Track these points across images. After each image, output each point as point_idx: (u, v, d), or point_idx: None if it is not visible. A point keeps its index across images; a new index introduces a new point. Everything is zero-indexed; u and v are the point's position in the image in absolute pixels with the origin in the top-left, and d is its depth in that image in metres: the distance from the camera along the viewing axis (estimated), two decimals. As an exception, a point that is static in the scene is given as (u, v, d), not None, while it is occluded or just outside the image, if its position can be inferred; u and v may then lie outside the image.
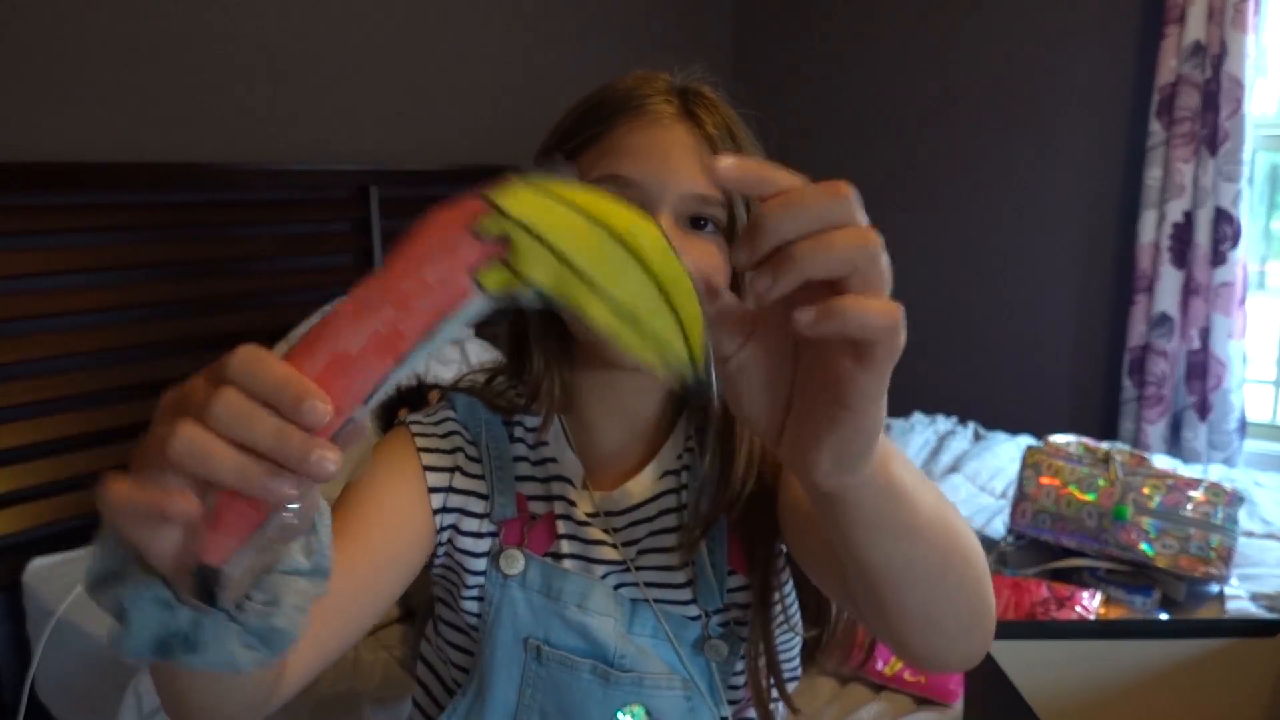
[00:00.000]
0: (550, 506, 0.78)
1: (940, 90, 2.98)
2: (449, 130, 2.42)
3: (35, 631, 1.54)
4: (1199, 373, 2.53)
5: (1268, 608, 1.38)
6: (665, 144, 0.70)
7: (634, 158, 0.70)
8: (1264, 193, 2.63)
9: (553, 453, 0.79)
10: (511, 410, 0.80)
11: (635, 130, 0.71)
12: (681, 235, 0.71)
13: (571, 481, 0.78)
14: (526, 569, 0.75)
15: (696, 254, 0.70)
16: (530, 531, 0.77)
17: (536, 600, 0.75)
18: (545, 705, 0.74)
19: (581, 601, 0.74)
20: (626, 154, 0.70)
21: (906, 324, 0.40)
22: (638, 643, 0.75)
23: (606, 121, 0.72)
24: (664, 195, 0.70)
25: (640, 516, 0.78)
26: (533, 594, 0.75)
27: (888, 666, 1.21)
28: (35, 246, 1.70)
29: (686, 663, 0.76)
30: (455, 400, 0.81)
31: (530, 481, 0.79)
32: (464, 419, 0.79)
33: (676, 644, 0.76)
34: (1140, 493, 1.46)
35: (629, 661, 0.74)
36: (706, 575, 0.76)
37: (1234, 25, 2.34)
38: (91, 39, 1.76)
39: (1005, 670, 0.82)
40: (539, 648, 0.74)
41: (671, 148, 0.70)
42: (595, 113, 0.74)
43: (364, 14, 2.21)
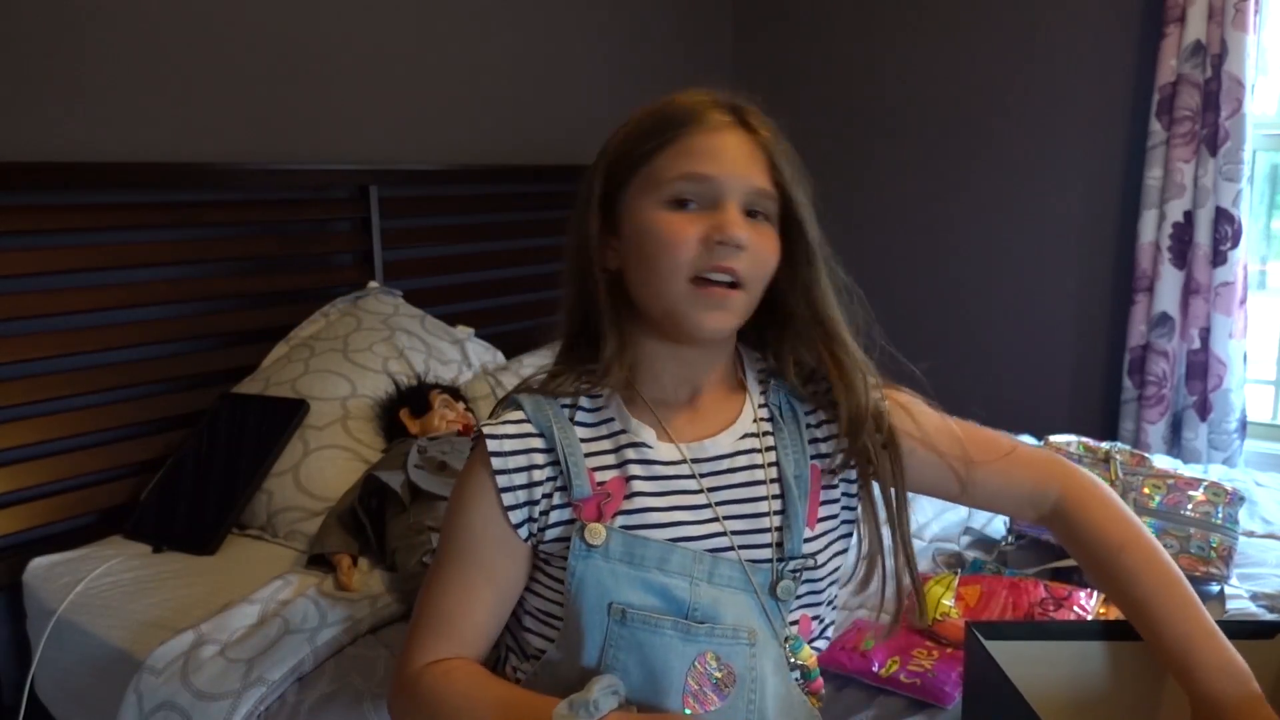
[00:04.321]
0: (623, 469, 0.87)
1: (940, 90, 2.98)
2: (449, 130, 2.42)
3: (35, 631, 1.54)
4: (1199, 373, 2.53)
5: (1268, 608, 1.38)
6: (730, 147, 0.85)
7: (706, 158, 0.83)
8: (1264, 193, 2.63)
9: (619, 424, 0.89)
10: (576, 395, 0.89)
11: (702, 136, 0.84)
12: (747, 223, 0.84)
13: (647, 444, 0.88)
14: (609, 540, 0.84)
15: (761, 239, 0.85)
16: (605, 503, 0.86)
17: (619, 569, 0.84)
18: (628, 662, 0.82)
19: (661, 565, 0.84)
20: (700, 155, 0.83)
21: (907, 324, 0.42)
22: (712, 593, 0.84)
23: (676, 129, 0.85)
24: (732, 188, 0.84)
25: (726, 466, 0.89)
26: (615, 563, 0.84)
27: (883, 669, 1.21)
28: (35, 246, 1.70)
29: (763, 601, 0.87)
30: (522, 401, 0.90)
31: (598, 455, 0.88)
32: (533, 416, 0.88)
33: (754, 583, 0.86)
34: (1140, 492, 1.46)
35: (702, 613, 0.84)
36: (798, 523, 0.89)
37: (1234, 25, 2.34)
38: (92, 39, 1.76)
39: (1005, 670, 0.82)
40: (624, 611, 0.82)
41: (735, 150, 0.85)
42: (665, 123, 0.86)
43: (364, 14, 2.21)
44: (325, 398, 1.81)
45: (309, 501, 1.68)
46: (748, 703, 0.84)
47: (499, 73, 2.53)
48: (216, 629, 1.34)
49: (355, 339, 1.95)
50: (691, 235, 0.83)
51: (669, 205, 0.84)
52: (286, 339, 2.00)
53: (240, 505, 1.69)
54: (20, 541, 1.67)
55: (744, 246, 0.83)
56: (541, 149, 2.62)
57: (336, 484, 1.68)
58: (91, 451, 1.76)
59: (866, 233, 3.19)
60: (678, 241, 0.82)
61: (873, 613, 1.45)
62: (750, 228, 0.84)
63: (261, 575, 1.51)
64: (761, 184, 0.85)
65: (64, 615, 1.48)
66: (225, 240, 1.97)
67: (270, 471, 1.72)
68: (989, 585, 1.36)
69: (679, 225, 0.83)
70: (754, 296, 0.87)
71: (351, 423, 1.79)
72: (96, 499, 1.77)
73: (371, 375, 1.88)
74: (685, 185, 0.83)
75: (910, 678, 1.19)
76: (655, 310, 0.86)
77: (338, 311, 2.06)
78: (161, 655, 1.30)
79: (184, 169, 1.89)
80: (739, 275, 0.84)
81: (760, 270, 0.86)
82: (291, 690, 1.25)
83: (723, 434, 0.91)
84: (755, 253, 0.85)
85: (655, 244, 0.83)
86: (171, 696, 1.24)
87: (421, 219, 2.37)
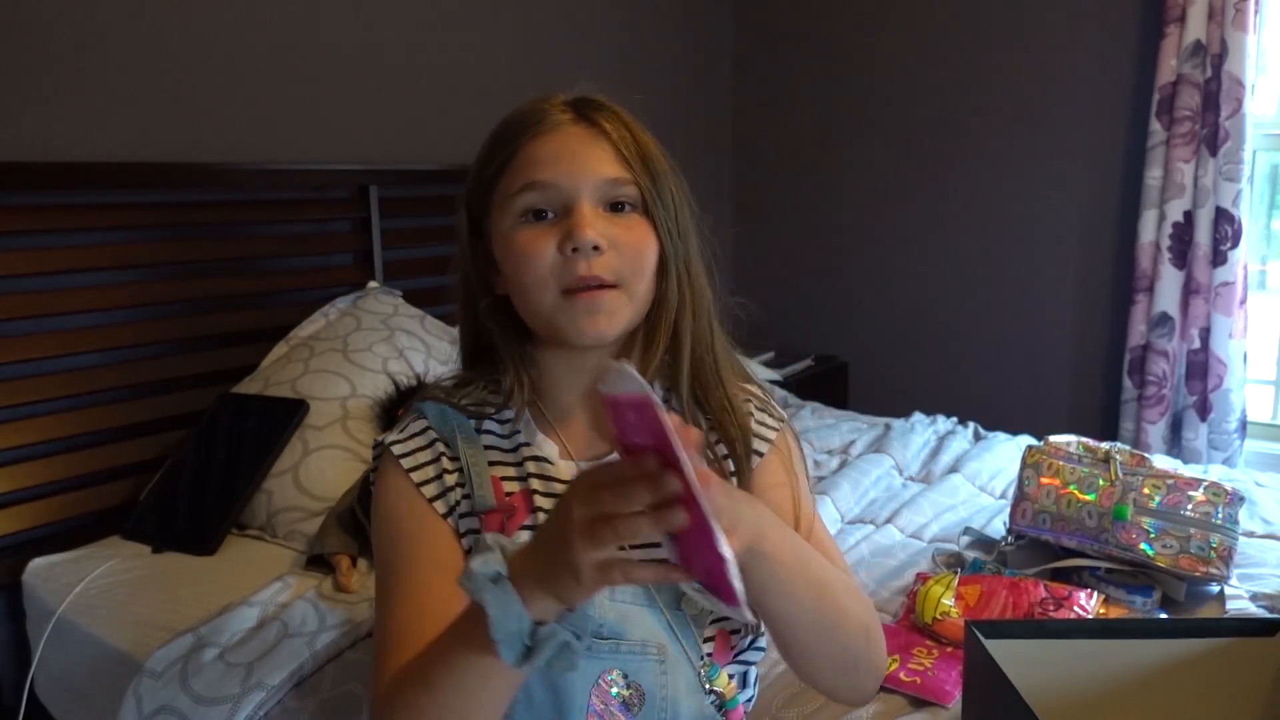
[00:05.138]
0: (526, 484, 0.85)
1: (940, 90, 2.98)
2: (449, 130, 2.42)
3: (35, 631, 1.54)
4: (1199, 373, 2.53)
5: (1268, 608, 1.38)
6: (570, 145, 0.81)
7: (545, 164, 0.80)
8: (1264, 193, 2.63)
9: (525, 438, 0.87)
10: (482, 411, 0.88)
11: (541, 141, 0.81)
12: (608, 220, 0.80)
13: (549, 459, 0.86)
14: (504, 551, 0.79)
15: (626, 231, 0.80)
16: (508, 517, 0.83)
17: None
18: (531, 680, 0.77)
19: None
20: (538, 162, 0.80)
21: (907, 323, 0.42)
22: (619, 608, 0.81)
23: (515, 142, 0.82)
24: (580, 188, 0.80)
25: None
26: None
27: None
28: (35, 246, 1.70)
29: (669, 617, 0.82)
30: (425, 409, 0.88)
31: (503, 466, 0.86)
32: (436, 424, 0.87)
33: (659, 600, 0.82)
34: (1140, 493, 1.46)
35: (608, 629, 0.80)
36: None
37: (1234, 25, 2.34)
38: (92, 39, 1.76)
39: (1005, 670, 0.82)
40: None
41: (576, 147, 0.81)
42: (503, 138, 0.83)
43: (364, 14, 2.21)
44: (325, 398, 1.81)
45: (308, 502, 1.68)
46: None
47: (499, 73, 2.53)
48: (216, 632, 1.34)
49: (355, 339, 1.95)
50: (547, 247, 0.79)
51: (523, 220, 0.81)
52: (286, 339, 2.00)
53: (240, 505, 1.69)
54: (20, 541, 1.67)
55: (600, 248, 0.79)
56: (541, 149, 2.62)
57: (336, 484, 1.68)
58: (91, 451, 1.76)
59: (866, 233, 3.20)
60: (534, 256, 0.79)
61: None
62: (610, 222, 0.80)
63: (261, 576, 1.51)
64: (612, 173, 0.81)
65: (64, 615, 1.48)
66: (225, 240, 1.97)
67: (270, 471, 1.72)
68: (989, 585, 1.36)
69: (532, 239, 0.80)
70: (635, 292, 0.82)
71: (351, 423, 1.79)
72: (96, 499, 1.77)
73: (371, 375, 1.88)
74: (531, 196, 0.80)
75: (910, 676, 1.19)
76: (539, 326, 0.83)
77: (338, 311, 2.06)
78: (161, 658, 1.30)
79: (183, 169, 1.88)
80: (605, 277, 0.79)
81: (633, 263, 0.81)
82: (290, 695, 1.24)
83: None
84: (621, 248, 0.80)
85: (516, 263, 0.81)
86: (171, 700, 1.24)
87: (421, 219, 2.37)
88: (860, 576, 1.56)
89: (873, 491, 1.95)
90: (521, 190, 0.80)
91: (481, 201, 0.85)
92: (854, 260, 3.22)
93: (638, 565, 0.59)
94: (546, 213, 0.81)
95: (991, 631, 0.90)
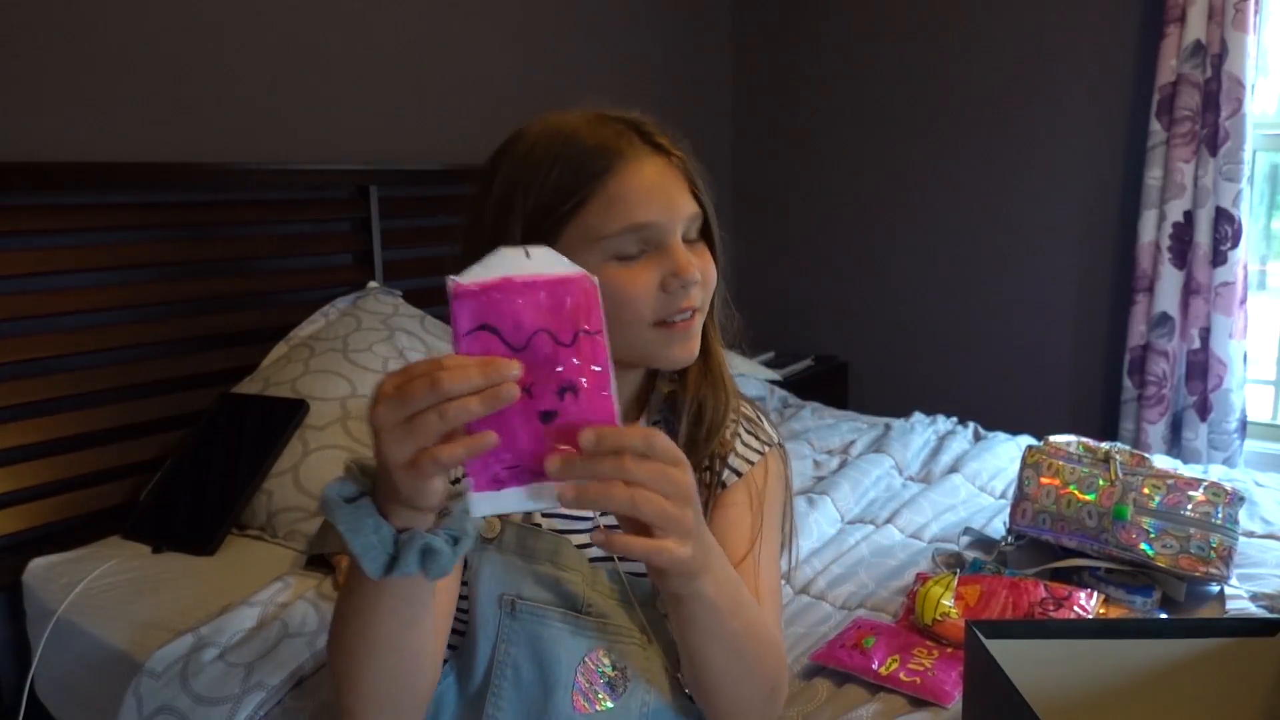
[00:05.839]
0: None
1: (940, 90, 2.98)
2: (449, 130, 2.42)
3: (35, 631, 1.54)
4: (1199, 373, 2.53)
5: (1268, 608, 1.38)
6: (656, 181, 0.80)
7: (641, 203, 0.79)
8: (1264, 193, 2.63)
9: None
10: None
11: (627, 177, 0.79)
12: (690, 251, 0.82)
13: None
14: (502, 532, 0.83)
15: (704, 262, 0.83)
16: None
17: (512, 560, 0.83)
18: (519, 656, 0.82)
19: (553, 557, 0.84)
20: (633, 202, 0.79)
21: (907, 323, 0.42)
22: (602, 600, 0.84)
23: (598, 178, 0.79)
24: (674, 225, 0.81)
25: None
26: (509, 554, 0.83)
27: (883, 667, 1.21)
28: (35, 246, 1.70)
29: (644, 614, 0.85)
30: None
31: None
32: None
33: (633, 597, 0.85)
34: (1140, 493, 1.46)
35: (595, 609, 0.83)
36: None
37: (1234, 25, 2.34)
38: (91, 39, 1.76)
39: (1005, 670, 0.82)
40: (513, 602, 0.82)
41: (663, 182, 0.80)
42: (582, 171, 0.79)
43: (364, 14, 2.21)
44: (325, 398, 1.81)
45: (309, 502, 1.68)
46: (641, 704, 0.83)
47: (499, 73, 2.53)
48: (216, 632, 1.34)
49: (355, 339, 1.95)
50: (649, 285, 0.80)
51: (617, 259, 0.80)
52: (286, 339, 2.00)
53: (240, 505, 1.69)
54: (20, 541, 1.67)
55: (698, 281, 0.81)
56: (541, 149, 2.62)
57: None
58: (91, 451, 1.76)
59: (866, 232, 3.20)
60: (638, 297, 0.79)
61: (874, 613, 1.45)
62: (695, 255, 0.82)
63: (261, 575, 1.51)
64: (691, 209, 0.82)
65: (64, 615, 1.48)
66: (225, 240, 1.97)
67: (270, 471, 1.72)
68: (989, 585, 1.36)
69: (634, 279, 0.79)
70: (704, 314, 0.86)
71: (351, 423, 1.79)
72: (96, 499, 1.77)
73: (371, 375, 1.88)
74: (632, 238, 0.79)
75: (910, 676, 1.19)
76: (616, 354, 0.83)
77: (338, 311, 2.06)
78: (161, 658, 1.30)
79: (184, 169, 1.88)
80: (697, 305, 0.82)
81: (710, 290, 0.85)
82: (291, 695, 1.24)
83: None
84: (704, 279, 0.83)
85: (613, 302, 0.77)
86: (171, 700, 1.24)
87: (421, 219, 2.37)
88: (860, 576, 1.57)
89: (873, 491, 1.95)
90: (623, 231, 0.78)
91: (548, 230, 0.81)
92: (854, 260, 3.22)
93: (447, 448, 0.55)
94: (639, 252, 0.81)
95: (991, 631, 0.90)
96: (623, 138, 0.81)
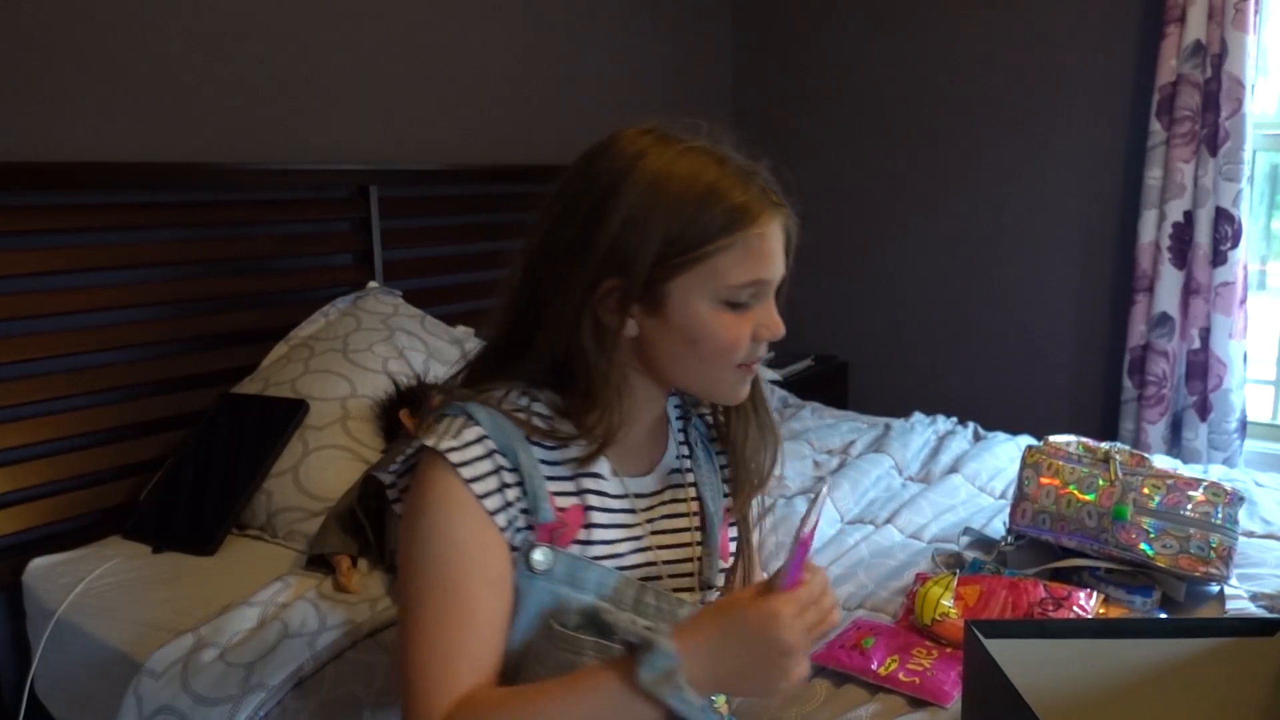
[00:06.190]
0: (582, 499, 0.88)
1: (940, 90, 2.98)
2: (449, 130, 2.43)
3: (35, 631, 1.54)
4: (1199, 373, 2.53)
5: (1268, 608, 1.38)
6: (775, 245, 0.86)
7: (765, 262, 0.85)
8: (1264, 192, 2.63)
9: (577, 453, 0.88)
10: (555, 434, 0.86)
11: (759, 236, 0.84)
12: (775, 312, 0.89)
13: (603, 475, 0.90)
14: (554, 564, 0.84)
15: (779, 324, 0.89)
16: (560, 530, 0.86)
17: (561, 589, 0.85)
18: (540, 675, 0.82)
19: (599, 589, 0.86)
20: (760, 260, 0.85)
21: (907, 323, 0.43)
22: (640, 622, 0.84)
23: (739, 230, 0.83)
24: (776, 284, 0.88)
25: (657, 501, 0.94)
26: (557, 584, 0.85)
27: (882, 667, 1.21)
28: (35, 246, 1.70)
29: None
30: (476, 414, 0.84)
31: (557, 481, 0.87)
32: (492, 433, 0.84)
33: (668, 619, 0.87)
34: (1140, 493, 1.46)
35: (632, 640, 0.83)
36: (717, 553, 0.96)
37: (1234, 25, 2.34)
38: (92, 39, 1.76)
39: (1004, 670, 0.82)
40: (550, 627, 0.83)
41: (778, 246, 0.87)
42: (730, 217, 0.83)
43: (364, 14, 2.21)
44: (325, 398, 1.81)
45: (308, 502, 1.68)
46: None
47: (499, 73, 2.53)
48: (216, 632, 1.34)
49: (355, 339, 1.95)
50: (745, 334, 0.86)
51: (729, 305, 0.85)
52: (286, 339, 2.00)
53: (240, 505, 1.69)
54: (20, 541, 1.67)
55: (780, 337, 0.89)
56: (541, 149, 2.62)
57: (336, 484, 1.68)
58: (91, 451, 1.76)
59: (866, 233, 3.20)
60: (737, 345, 0.86)
61: (874, 613, 1.45)
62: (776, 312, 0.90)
63: (261, 576, 1.51)
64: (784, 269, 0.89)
65: (64, 616, 1.48)
66: (225, 240, 1.97)
67: (270, 472, 1.72)
68: (988, 585, 1.36)
69: (737, 328, 0.85)
70: None
71: (351, 423, 1.79)
72: (96, 499, 1.77)
73: (371, 375, 1.88)
74: (749, 290, 0.85)
75: (909, 676, 1.19)
76: (681, 383, 0.90)
77: (338, 311, 2.06)
78: (161, 658, 1.30)
79: (184, 169, 1.89)
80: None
81: None
82: (291, 695, 1.24)
83: (657, 467, 0.95)
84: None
85: (712, 343, 0.85)
86: (171, 700, 1.24)
87: (421, 219, 2.37)
88: (860, 577, 1.57)
89: (872, 491, 1.95)
90: (745, 285, 0.84)
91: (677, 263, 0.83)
92: (854, 260, 3.22)
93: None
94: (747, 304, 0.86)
95: (991, 631, 0.90)
96: (764, 196, 0.86)
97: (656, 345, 0.87)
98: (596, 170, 0.85)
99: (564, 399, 0.87)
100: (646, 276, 0.83)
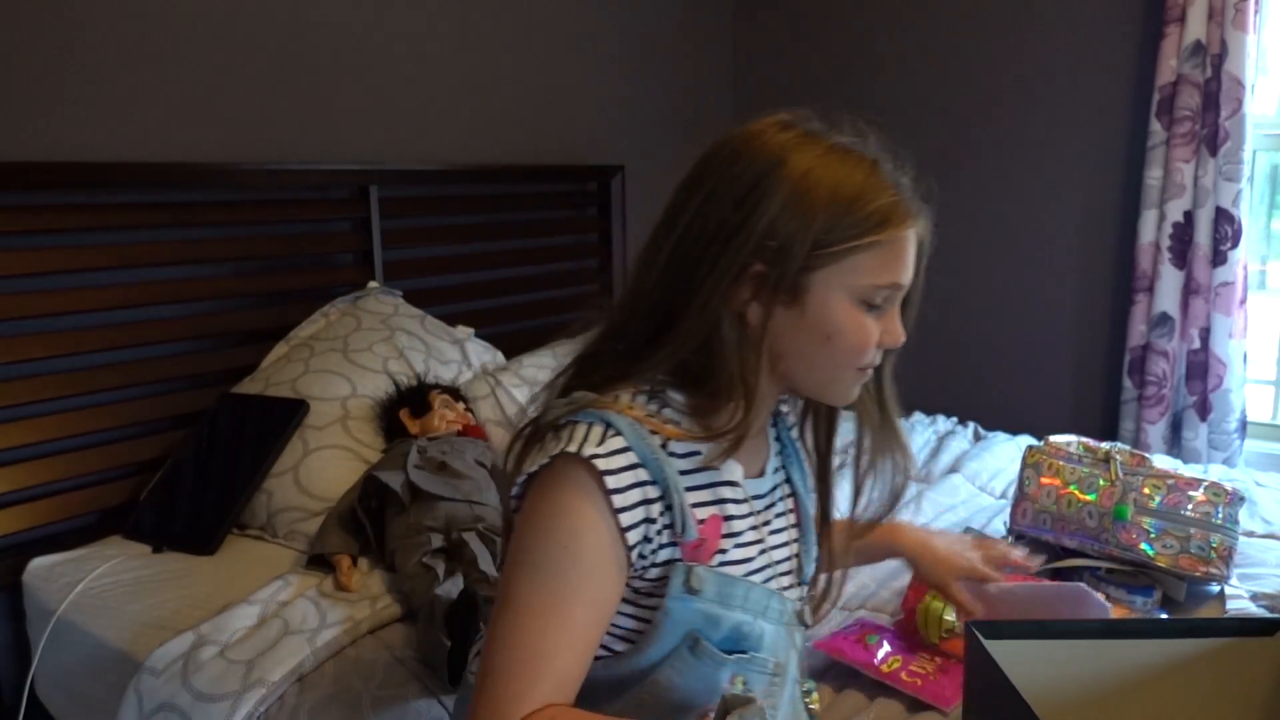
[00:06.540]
0: (721, 509, 0.86)
1: (939, 90, 2.98)
2: (449, 130, 2.42)
3: (35, 631, 1.54)
4: (1199, 373, 2.52)
5: (1268, 608, 1.38)
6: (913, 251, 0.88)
7: (905, 266, 0.86)
8: (1264, 193, 2.63)
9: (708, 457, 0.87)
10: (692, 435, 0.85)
11: (902, 241, 0.85)
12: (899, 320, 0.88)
13: (736, 481, 0.88)
14: (705, 584, 0.83)
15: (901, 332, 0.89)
16: (702, 545, 0.84)
17: (711, 608, 0.84)
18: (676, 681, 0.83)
19: (744, 604, 0.86)
20: (900, 264, 0.86)
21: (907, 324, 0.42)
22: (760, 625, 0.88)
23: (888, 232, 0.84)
24: (904, 291, 0.88)
25: (769, 501, 0.94)
26: (708, 603, 0.83)
27: (885, 664, 1.21)
28: (35, 246, 1.70)
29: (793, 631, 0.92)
30: (617, 424, 0.81)
31: (695, 491, 0.85)
32: (635, 445, 0.81)
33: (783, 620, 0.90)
34: (1140, 493, 1.46)
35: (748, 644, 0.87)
36: (812, 551, 0.98)
37: (1234, 25, 2.34)
38: (91, 39, 1.76)
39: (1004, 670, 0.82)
40: (697, 640, 0.83)
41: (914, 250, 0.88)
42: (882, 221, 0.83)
43: (364, 14, 2.21)
44: (325, 398, 1.81)
45: (309, 502, 1.68)
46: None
47: (499, 73, 2.52)
48: (216, 630, 1.34)
49: (355, 339, 1.95)
50: (875, 337, 0.86)
51: (864, 304, 0.84)
52: (286, 339, 2.00)
53: (240, 505, 1.69)
54: (20, 541, 1.67)
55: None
56: (541, 149, 2.62)
57: (336, 484, 1.68)
58: (91, 451, 1.76)
59: (866, 233, 3.19)
60: (867, 346, 0.85)
61: (875, 613, 1.45)
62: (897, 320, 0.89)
63: (261, 575, 1.51)
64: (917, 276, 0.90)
65: (64, 615, 1.48)
66: (225, 240, 1.97)
67: (270, 471, 1.72)
68: (989, 585, 1.36)
69: (870, 330, 0.85)
70: None
71: (351, 423, 1.79)
72: (96, 499, 1.77)
73: (371, 375, 1.88)
74: (886, 292, 0.85)
75: (911, 677, 1.19)
76: (801, 380, 0.89)
77: (338, 311, 2.06)
78: (161, 656, 1.30)
79: (184, 169, 1.89)
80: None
81: None
82: (291, 692, 1.25)
83: (766, 468, 0.95)
84: None
85: (844, 340, 0.84)
86: (171, 697, 1.24)
87: (421, 219, 2.37)
88: (860, 576, 1.57)
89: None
90: (884, 286, 0.84)
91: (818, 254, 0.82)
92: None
93: None
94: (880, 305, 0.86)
95: (991, 632, 0.90)
96: (913, 201, 0.87)
97: (785, 339, 0.85)
98: (751, 154, 0.84)
99: (690, 398, 0.85)
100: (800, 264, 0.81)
